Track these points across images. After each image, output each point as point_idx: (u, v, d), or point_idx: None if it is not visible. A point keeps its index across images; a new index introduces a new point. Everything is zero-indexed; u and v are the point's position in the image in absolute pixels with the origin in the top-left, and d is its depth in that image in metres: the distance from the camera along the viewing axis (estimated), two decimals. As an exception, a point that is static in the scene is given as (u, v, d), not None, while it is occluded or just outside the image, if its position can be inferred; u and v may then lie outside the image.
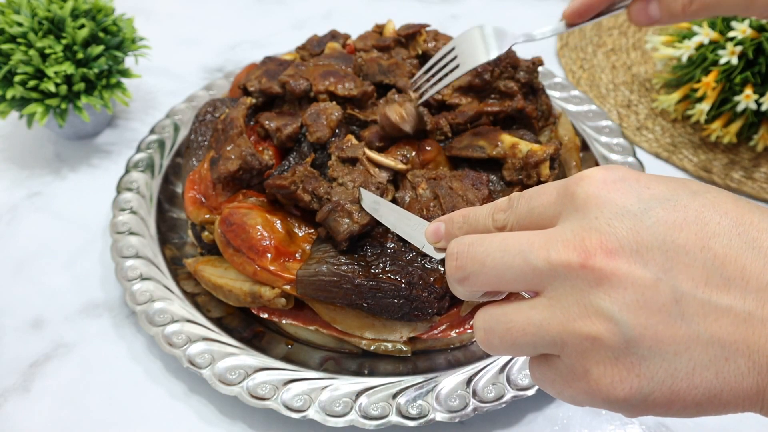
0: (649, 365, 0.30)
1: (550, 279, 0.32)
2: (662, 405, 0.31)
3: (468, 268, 0.35)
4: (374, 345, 0.63)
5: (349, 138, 0.67)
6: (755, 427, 0.60)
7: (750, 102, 0.79)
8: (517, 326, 0.33)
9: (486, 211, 0.39)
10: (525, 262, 0.33)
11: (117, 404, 0.63)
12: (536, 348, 0.34)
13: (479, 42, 0.63)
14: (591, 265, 0.31)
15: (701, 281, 0.30)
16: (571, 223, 0.33)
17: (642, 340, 0.30)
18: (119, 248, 0.70)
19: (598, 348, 0.31)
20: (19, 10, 0.79)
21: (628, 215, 0.32)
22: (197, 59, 1.07)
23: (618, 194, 0.33)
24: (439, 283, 0.59)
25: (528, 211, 0.36)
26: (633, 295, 0.30)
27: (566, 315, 0.32)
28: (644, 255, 0.31)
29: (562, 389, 0.34)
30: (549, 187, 0.36)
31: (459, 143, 0.68)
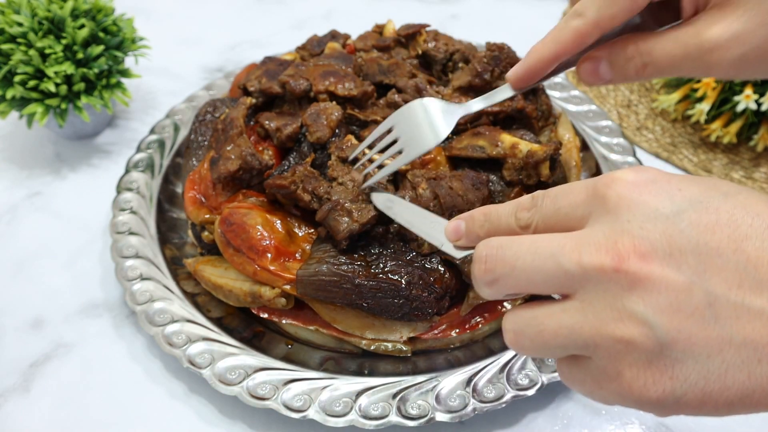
0: (682, 368, 0.31)
1: (582, 282, 0.32)
2: (694, 406, 0.31)
3: (497, 271, 0.35)
4: (374, 345, 0.63)
5: (349, 138, 0.67)
6: (755, 427, 0.60)
7: (750, 102, 0.79)
8: (549, 329, 0.33)
9: (509, 209, 0.38)
10: (557, 266, 0.33)
11: (117, 404, 0.63)
12: (567, 350, 0.34)
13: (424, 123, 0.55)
14: (624, 268, 0.31)
15: (734, 284, 0.30)
16: (602, 226, 0.33)
17: (675, 344, 0.30)
18: (119, 248, 0.70)
19: (631, 351, 0.31)
20: (19, 10, 0.79)
21: (660, 218, 0.32)
22: (197, 59, 1.07)
23: (650, 196, 0.33)
24: (439, 283, 0.59)
25: (554, 210, 0.36)
26: (667, 299, 0.31)
27: (599, 318, 0.32)
28: (677, 258, 0.31)
29: (593, 389, 0.34)
30: (577, 187, 0.35)
31: (459, 143, 0.68)
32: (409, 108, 0.56)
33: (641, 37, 0.46)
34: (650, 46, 0.46)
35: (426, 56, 0.78)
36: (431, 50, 0.78)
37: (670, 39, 0.45)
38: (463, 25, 1.14)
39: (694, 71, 0.46)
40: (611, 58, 0.47)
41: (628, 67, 0.47)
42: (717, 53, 0.44)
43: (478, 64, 0.72)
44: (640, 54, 0.46)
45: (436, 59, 0.78)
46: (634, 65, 0.47)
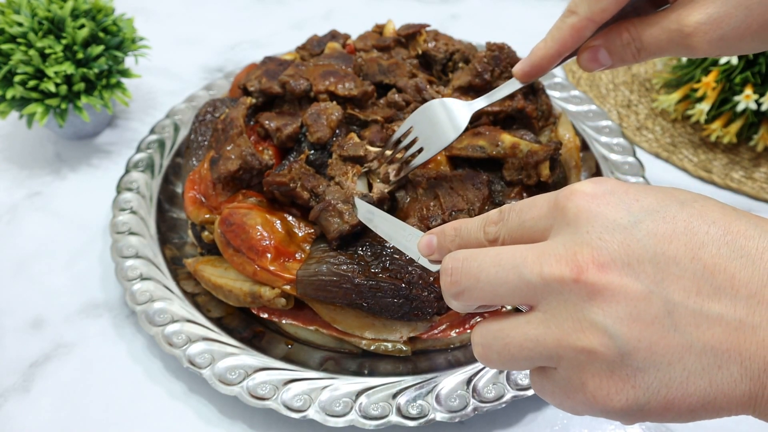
0: (643, 376, 0.31)
1: (544, 293, 0.33)
2: (657, 413, 0.32)
3: (462, 284, 0.36)
4: (374, 345, 0.63)
5: (352, 136, 0.67)
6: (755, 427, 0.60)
7: (750, 102, 0.79)
8: (514, 342, 0.34)
9: (478, 223, 0.39)
10: (519, 278, 0.33)
11: (117, 404, 0.63)
12: (533, 362, 0.34)
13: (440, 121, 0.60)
14: (584, 279, 0.31)
15: (692, 291, 0.31)
16: (562, 238, 0.33)
17: (636, 352, 0.31)
18: (119, 248, 0.70)
19: (593, 361, 0.31)
20: (19, 10, 0.79)
21: (618, 228, 0.32)
22: (197, 59, 1.07)
23: (608, 208, 0.33)
24: (438, 282, 0.59)
25: (519, 224, 0.37)
26: (626, 308, 0.31)
27: (561, 329, 0.32)
28: (635, 268, 0.31)
29: (562, 400, 0.34)
30: (539, 200, 0.36)
31: (459, 143, 0.68)
32: (427, 107, 0.61)
33: (633, 24, 0.49)
34: (641, 33, 0.49)
35: (426, 56, 0.78)
36: (431, 50, 0.78)
37: (656, 25, 0.48)
38: (463, 25, 1.14)
39: (679, 53, 0.49)
40: (608, 46, 0.51)
41: (625, 52, 0.50)
42: (697, 37, 0.46)
43: (478, 64, 0.72)
44: (633, 40, 0.50)
45: (436, 59, 0.78)
46: (630, 51, 0.50)
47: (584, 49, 0.52)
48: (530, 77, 0.55)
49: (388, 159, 0.65)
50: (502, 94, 0.58)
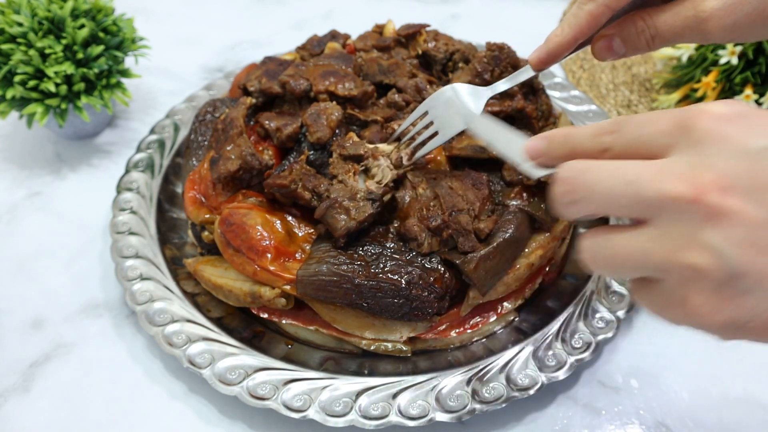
0: (749, 298, 0.32)
1: (659, 210, 0.33)
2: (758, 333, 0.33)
3: (578, 194, 0.36)
4: (374, 345, 0.63)
5: (351, 135, 0.67)
6: (755, 427, 0.60)
7: (750, 102, 0.79)
8: (623, 252, 0.35)
9: (589, 131, 0.39)
10: (636, 192, 0.34)
11: (117, 404, 0.63)
12: (639, 272, 0.35)
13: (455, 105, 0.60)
14: (704, 200, 0.32)
15: None
16: (686, 157, 0.33)
17: (746, 276, 0.31)
18: (119, 248, 0.70)
19: (701, 278, 0.32)
20: (19, 10, 0.79)
21: (747, 154, 0.32)
22: (197, 59, 1.07)
23: (738, 131, 0.33)
24: (439, 282, 0.59)
25: (636, 137, 0.36)
26: (743, 233, 0.31)
27: (673, 245, 0.33)
28: (759, 195, 0.31)
29: (661, 310, 0.35)
30: (663, 116, 0.36)
31: (459, 143, 0.68)
32: (441, 93, 0.61)
33: (647, 13, 0.51)
34: (655, 20, 0.51)
35: (426, 56, 0.78)
36: (431, 50, 0.78)
37: (672, 12, 0.50)
38: (463, 25, 1.14)
39: (693, 39, 0.50)
40: (622, 35, 0.53)
41: (639, 40, 0.52)
42: (711, 22, 0.49)
43: (478, 64, 0.72)
44: (648, 27, 0.51)
45: (436, 59, 0.78)
46: (645, 38, 0.52)
47: (598, 38, 0.54)
48: (546, 65, 0.56)
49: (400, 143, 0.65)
50: (514, 82, 0.60)
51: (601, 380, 0.63)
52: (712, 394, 0.62)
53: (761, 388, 0.62)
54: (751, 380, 0.63)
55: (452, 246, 0.61)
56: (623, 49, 0.53)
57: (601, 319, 0.63)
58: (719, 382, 0.63)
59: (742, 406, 0.61)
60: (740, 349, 0.65)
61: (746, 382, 0.63)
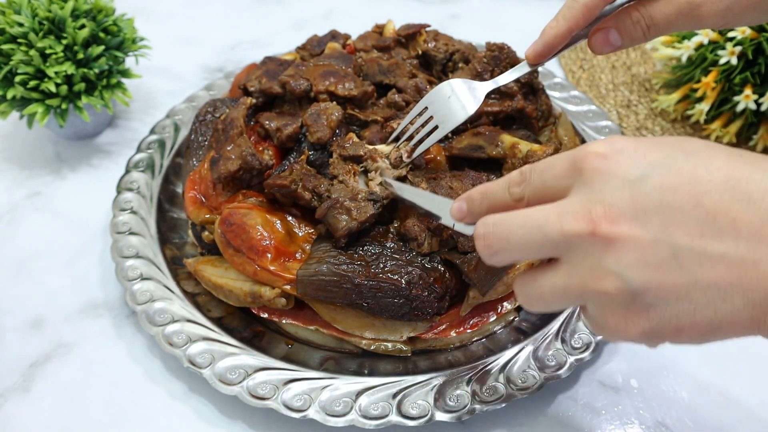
0: (655, 310, 0.35)
1: (566, 247, 0.37)
2: (672, 336, 0.36)
3: (495, 246, 0.40)
4: (374, 345, 0.63)
5: (351, 136, 0.67)
6: (755, 427, 0.60)
7: (749, 102, 0.79)
8: (547, 290, 0.39)
9: (501, 185, 0.43)
10: (543, 236, 0.38)
11: (117, 404, 0.63)
12: (566, 304, 0.40)
13: (454, 99, 0.62)
14: (598, 232, 0.36)
15: (696, 235, 0.34)
16: (579, 196, 0.37)
17: (647, 292, 0.35)
18: (119, 248, 0.70)
19: (611, 301, 0.36)
20: (19, 11, 0.79)
21: (627, 184, 0.36)
22: (197, 59, 1.07)
23: (618, 166, 0.37)
24: (439, 282, 0.59)
25: (542, 184, 0.41)
26: (635, 255, 0.35)
27: (583, 277, 0.37)
28: (643, 219, 0.35)
29: (599, 331, 0.39)
30: (558, 161, 0.40)
31: (459, 143, 0.68)
32: (440, 88, 0.63)
33: (641, 3, 0.53)
34: (650, 10, 0.53)
35: (426, 56, 0.79)
36: (431, 50, 0.78)
37: (666, 1, 0.52)
38: (463, 25, 1.14)
39: (688, 26, 0.53)
40: (619, 26, 0.55)
41: (636, 30, 0.54)
42: (705, 8, 0.51)
43: (478, 64, 0.72)
44: (643, 17, 0.53)
45: (436, 59, 0.78)
46: (641, 28, 0.54)
47: (595, 31, 0.56)
48: (542, 58, 0.57)
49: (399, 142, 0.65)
50: (514, 76, 0.60)
51: (601, 380, 0.63)
52: (712, 394, 0.62)
53: (761, 388, 0.62)
54: (751, 380, 0.63)
55: (452, 246, 0.61)
56: (620, 40, 0.55)
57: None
58: (719, 382, 0.63)
59: (742, 406, 0.61)
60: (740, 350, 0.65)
61: (746, 382, 0.63)
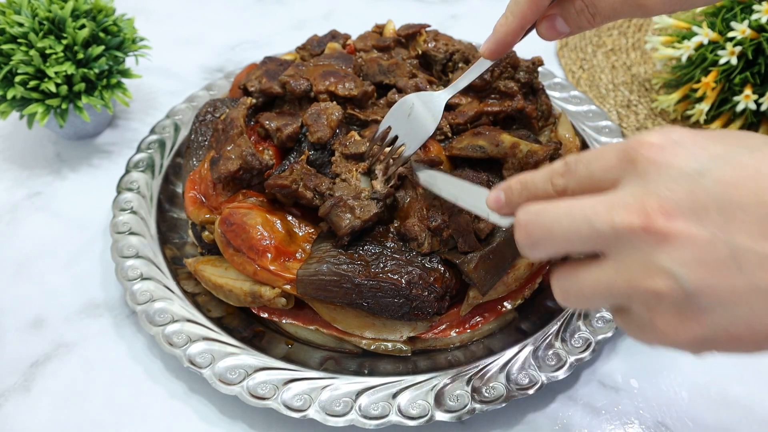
0: (710, 315, 0.33)
1: (615, 242, 0.35)
2: (724, 345, 0.34)
3: (536, 236, 0.38)
4: (374, 344, 0.63)
5: (353, 134, 0.67)
6: (755, 427, 0.60)
7: (749, 102, 0.79)
8: (589, 286, 0.37)
9: (544, 176, 0.40)
10: (590, 228, 0.35)
11: (117, 404, 0.63)
12: (607, 302, 0.37)
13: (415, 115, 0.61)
14: (652, 227, 0.33)
15: (758, 235, 0.32)
16: (632, 188, 0.35)
17: (702, 294, 0.33)
18: (119, 248, 0.70)
19: (661, 302, 0.34)
20: (19, 11, 0.79)
21: (685, 177, 0.34)
22: (197, 59, 1.07)
23: (675, 157, 0.35)
24: (439, 282, 0.59)
25: (588, 175, 0.38)
26: (691, 253, 0.33)
27: (632, 274, 0.34)
28: (701, 215, 0.33)
29: (637, 335, 0.37)
30: (608, 152, 0.37)
31: (459, 143, 0.68)
32: (401, 104, 0.63)
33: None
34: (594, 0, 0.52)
35: (426, 56, 0.79)
36: (431, 50, 0.78)
37: None
38: (463, 25, 1.14)
39: (633, 14, 0.52)
40: (564, 14, 0.54)
41: (581, 19, 0.54)
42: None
43: (477, 64, 0.72)
44: (587, 6, 0.53)
45: (436, 59, 0.78)
46: (585, 16, 0.53)
47: (542, 19, 0.55)
48: (497, 54, 0.58)
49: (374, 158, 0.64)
50: (472, 76, 0.60)
51: (601, 380, 0.63)
52: (712, 394, 0.62)
53: (761, 388, 0.62)
54: (751, 380, 0.63)
55: (452, 246, 0.61)
56: (567, 28, 0.55)
57: (601, 319, 0.63)
58: (719, 382, 0.63)
59: (742, 406, 0.61)
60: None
61: (746, 382, 0.63)
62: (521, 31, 0.55)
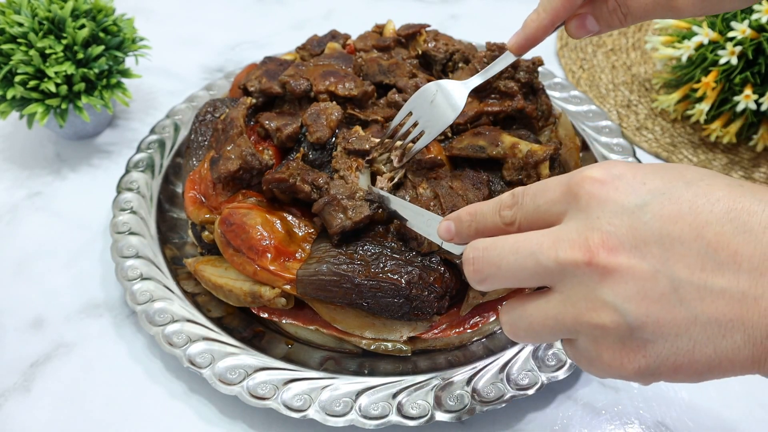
0: (653, 347, 0.34)
1: (560, 276, 0.36)
2: (668, 375, 0.35)
3: (485, 272, 0.39)
4: (374, 344, 0.63)
5: (357, 129, 0.67)
6: (754, 427, 0.60)
7: (749, 102, 0.79)
8: (537, 320, 0.37)
9: (492, 207, 0.41)
10: (536, 263, 0.36)
11: (117, 404, 0.63)
12: (556, 336, 0.38)
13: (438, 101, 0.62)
14: (595, 262, 0.34)
15: (697, 268, 0.33)
16: (575, 223, 0.36)
17: (645, 327, 0.33)
18: (119, 248, 0.70)
19: (606, 335, 0.35)
20: (19, 11, 0.79)
21: (626, 212, 0.34)
22: (197, 59, 1.07)
23: (617, 193, 0.35)
24: (439, 282, 0.59)
25: (534, 208, 0.39)
26: (634, 287, 0.33)
27: (577, 308, 0.35)
28: (642, 249, 0.34)
29: (586, 367, 0.38)
30: (552, 184, 0.38)
31: (459, 143, 0.68)
32: (424, 91, 0.62)
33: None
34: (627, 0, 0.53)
35: (426, 56, 0.78)
36: (431, 50, 0.78)
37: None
38: (463, 25, 1.14)
39: (665, 15, 0.53)
40: (595, 13, 0.55)
41: (612, 18, 0.54)
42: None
43: (478, 64, 0.72)
44: (619, 6, 0.54)
45: (436, 59, 0.78)
46: (617, 16, 0.54)
47: (572, 17, 0.55)
48: (524, 49, 0.58)
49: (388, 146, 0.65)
50: (496, 70, 0.61)
51: (601, 380, 0.63)
52: (712, 394, 0.62)
53: (761, 388, 0.62)
54: (751, 380, 0.63)
55: (452, 246, 0.61)
56: (597, 26, 0.55)
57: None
58: (719, 382, 0.63)
59: (742, 406, 0.61)
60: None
61: (746, 382, 0.63)
62: (551, 27, 0.55)
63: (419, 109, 0.62)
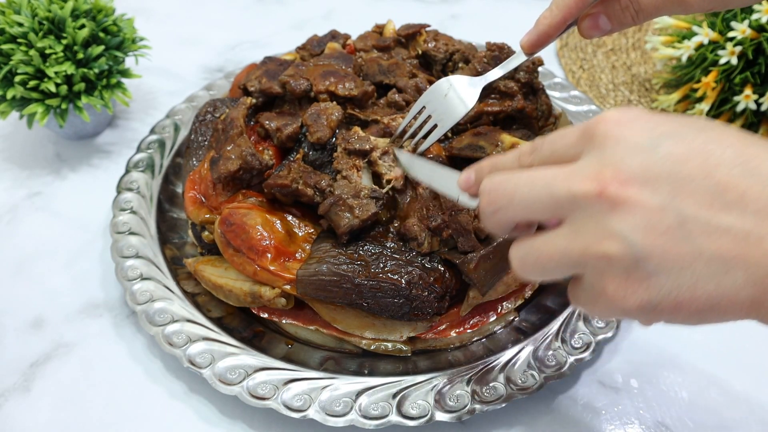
0: (656, 279, 0.34)
1: (572, 208, 0.36)
2: (668, 312, 0.35)
3: (499, 202, 0.39)
4: (374, 345, 0.63)
5: (356, 130, 0.67)
6: (755, 427, 0.60)
7: (749, 102, 0.79)
8: (546, 253, 0.38)
9: (513, 156, 0.42)
10: (550, 195, 0.37)
11: (117, 404, 0.63)
12: (564, 271, 0.38)
13: (451, 96, 0.63)
14: (606, 193, 0.35)
15: (704, 205, 0.34)
16: (590, 159, 0.37)
17: (650, 258, 0.34)
18: (119, 248, 0.70)
19: (612, 266, 0.35)
20: (19, 11, 0.79)
21: (639, 150, 0.35)
22: (197, 59, 1.07)
23: (631, 132, 0.36)
24: (439, 282, 0.59)
25: (551, 152, 0.40)
26: (642, 219, 0.34)
27: (586, 239, 0.36)
28: (653, 184, 0.34)
29: (591, 306, 0.38)
30: (571, 130, 0.39)
31: (459, 143, 0.68)
32: (437, 86, 0.63)
33: None
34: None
35: (426, 56, 0.78)
36: (431, 50, 0.78)
37: None
38: (463, 25, 1.14)
39: (675, 11, 0.54)
40: (607, 12, 0.56)
41: (624, 15, 0.55)
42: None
43: (478, 64, 0.72)
44: (631, 3, 0.54)
45: (436, 59, 0.78)
46: (629, 13, 0.55)
47: (584, 17, 0.56)
48: (537, 48, 0.58)
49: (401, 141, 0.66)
50: (509, 68, 0.62)
51: (601, 380, 0.63)
52: (712, 394, 0.62)
53: (761, 388, 0.62)
54: (751, 380, 0.63)
55: (452, 246, 0.61)
56: (609, 25, 0.56)
57: (601, 319, 0.63)
58: (719, 382, 0.63)
59: (742, 406, 0.61)
60: (740, 349, 0.65)
61: (746, 382, 0.63)
62: (563, 25, 0.56)
63: (433, 103, 0.63)
